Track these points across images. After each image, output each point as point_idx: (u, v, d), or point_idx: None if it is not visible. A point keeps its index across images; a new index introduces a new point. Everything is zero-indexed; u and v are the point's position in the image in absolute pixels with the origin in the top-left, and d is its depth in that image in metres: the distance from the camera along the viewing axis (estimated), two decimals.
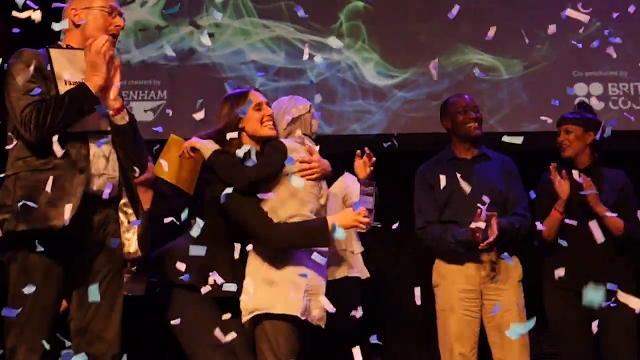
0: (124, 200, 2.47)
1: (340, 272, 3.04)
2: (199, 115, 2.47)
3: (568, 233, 2.97)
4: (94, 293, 2.06)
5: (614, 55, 2.63)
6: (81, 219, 2.29)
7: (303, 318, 2.42)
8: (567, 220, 2.92)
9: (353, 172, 2.82)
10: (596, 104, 3.35)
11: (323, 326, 2.52)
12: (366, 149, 2.71)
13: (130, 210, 2.48)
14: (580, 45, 3.19)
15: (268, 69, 4.41)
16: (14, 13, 2.37)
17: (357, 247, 3.14)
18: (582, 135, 3.19)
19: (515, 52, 4.27)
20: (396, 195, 3.55)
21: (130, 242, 2.47)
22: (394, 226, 2.70)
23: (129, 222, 2.47)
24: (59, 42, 2.48)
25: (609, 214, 2.98)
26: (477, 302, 3.12)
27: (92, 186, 2.35)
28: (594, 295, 1.67)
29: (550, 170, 3.13)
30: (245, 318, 2.45)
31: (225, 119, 2.60)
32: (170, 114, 4.12)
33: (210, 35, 4.15)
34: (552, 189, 3.12)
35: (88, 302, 2.19)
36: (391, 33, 4.39)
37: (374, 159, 2.72)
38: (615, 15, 3.23)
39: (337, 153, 2.96)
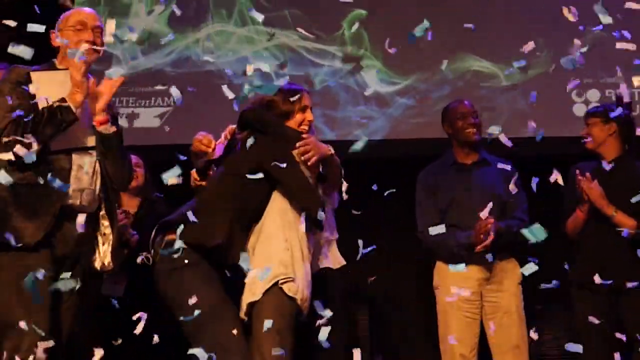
0: (102, 212, 2.56)
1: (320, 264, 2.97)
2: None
3: (594, 233, 3.01)
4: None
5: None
6: (59, 233, 2.39)
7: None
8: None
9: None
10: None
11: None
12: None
13: (106, 223, 2.56)
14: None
15: (271, 75, 4.47)
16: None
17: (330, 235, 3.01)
18: (602, 126, 3.12)
19: (515, 60, 4.33)
20: (399, 199, 3.61)
21: (106, 254, 2.55)
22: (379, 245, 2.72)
23: (104, 234, 2.55)
24: (53, 60, 2.58)
25: (617, 213, 2.96)
26: (477, 304, 3.18)
27: (73, 201, 2.44)
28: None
29: (576, 174, 3.06)
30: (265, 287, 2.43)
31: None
32: (177, 119, 4.24)
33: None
34: (577, 188, 3.06)
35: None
36: (393, 42, 4.45)
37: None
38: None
39: (340, 158, 3.01)
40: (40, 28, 2.31)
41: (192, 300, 2.33)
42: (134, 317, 2.34)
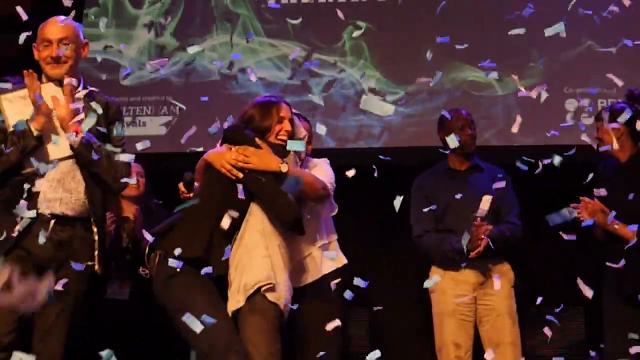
0: (92, 220, 2.61)
1: (311, 276, 2.97)
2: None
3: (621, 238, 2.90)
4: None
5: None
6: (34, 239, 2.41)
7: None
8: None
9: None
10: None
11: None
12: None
13: (95, 229, 2.61)
14: None
15: (275, 85, 4.57)
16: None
17: (311, 250, 2.98)
18: (609, 129, 3.00)
19: (509, 70, 4.41)
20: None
21: (95, 259, 2.60)
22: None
23: (93, 241, 2.60)
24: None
25: (617, 226, 2.89)
26: (471, 307, 3.23)
27: (47, 209, 2.51)
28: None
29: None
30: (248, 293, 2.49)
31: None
32: (181, 128, 4.31)
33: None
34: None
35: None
36: (392, 52, 4.55)
37: None
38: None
39: (340, 165, 3.10)
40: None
41: (184, 308, 2.38)
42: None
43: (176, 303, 2.46)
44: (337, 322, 2.51)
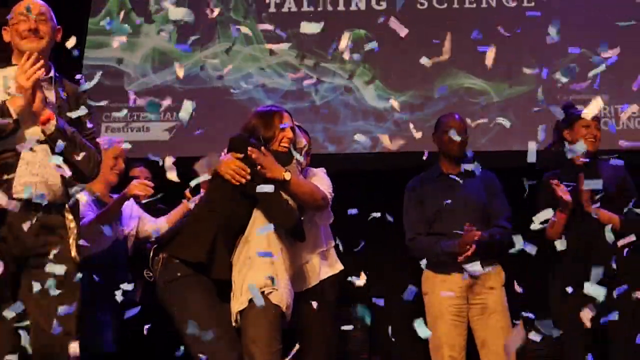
0: (66, 206, 2.53)
1: (310, 282, 3.06)
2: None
3: (573, 236, 3.02)
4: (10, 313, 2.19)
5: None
6: (12, 226, 2.37)
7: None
8: None
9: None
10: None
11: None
12: None
13: (70, 216, 2.53)
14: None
15: (275, 92, 4.66)
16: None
17: (311, 257, 3.08)
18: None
19: (504, 77, 4.51)
20: (395, 208, 3.76)
21: (71, 247, 2.50)
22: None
23: (69, 228, 2.51)
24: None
25: (601, 211, 3.03)
26: (463, 308, 3.28)
27: (23, 194, 2.39)
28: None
29: (551, 184, 3.13)
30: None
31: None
32: (184, 133, 4.41)
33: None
34: (552, 195, 3.12)
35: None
36: (390, 59, 4.64)
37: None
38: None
39: (340, 170, 3.18)
40: None
41: (183, 311, 2.49)
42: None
43: (177, 306, 2.54)
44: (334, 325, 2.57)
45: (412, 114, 4.57)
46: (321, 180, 2.97)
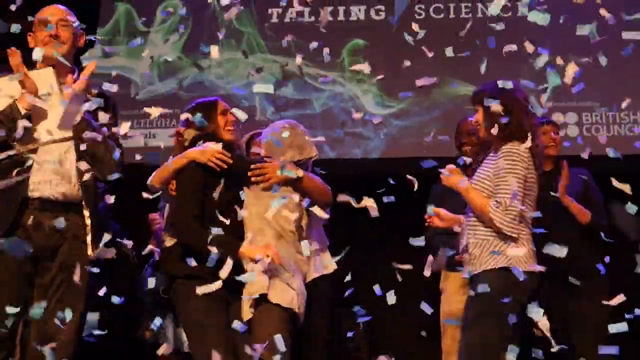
0: (83, 203, 2.52)
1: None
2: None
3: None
4: (36, 311, 2.24)
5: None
6: (29, 224, 2.39)
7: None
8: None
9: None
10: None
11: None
12: None
13: (87, 214, 2.52)
14: None
15: (277, 100, 4.79)
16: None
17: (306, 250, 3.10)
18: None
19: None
20: (395, 212, 3.81)
21: (88, 245, 2.50)
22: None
23: (86, 225, 2.51)
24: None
25: (573, 202, 3.13)
26: None
27: (39, 193, 2.43)
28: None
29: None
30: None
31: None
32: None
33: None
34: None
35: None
36: (388, 68, 4.75)
37: None
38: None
39: (339, 175, 3.27)
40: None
41: (185, 311, 2.55)
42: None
43: (179, 307, 2.61)
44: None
45: (409, 121, 4.67)
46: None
